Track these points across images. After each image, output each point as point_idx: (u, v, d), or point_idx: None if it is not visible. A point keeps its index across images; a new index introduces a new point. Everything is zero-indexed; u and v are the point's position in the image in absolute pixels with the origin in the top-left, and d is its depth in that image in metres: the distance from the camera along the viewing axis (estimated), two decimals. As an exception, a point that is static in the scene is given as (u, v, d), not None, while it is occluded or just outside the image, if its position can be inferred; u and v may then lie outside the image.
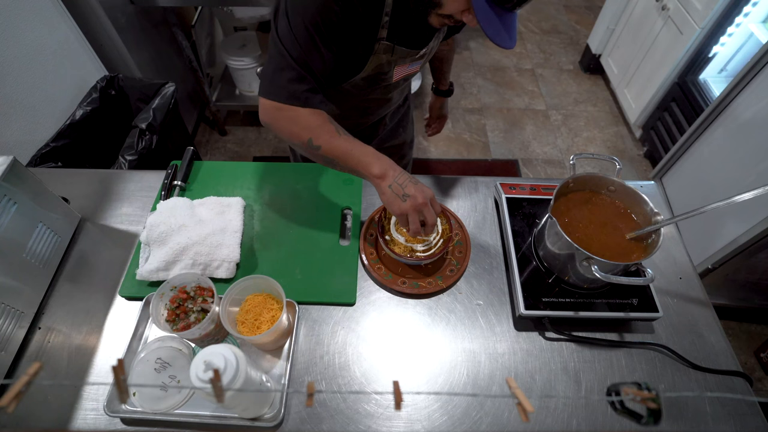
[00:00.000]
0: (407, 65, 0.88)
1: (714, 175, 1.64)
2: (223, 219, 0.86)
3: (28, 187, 0.76)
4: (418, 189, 0.71)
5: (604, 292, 0.79)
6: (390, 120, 1.16)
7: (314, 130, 0.73)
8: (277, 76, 0.72)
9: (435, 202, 0.74)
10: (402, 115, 1.22)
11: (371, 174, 0.72)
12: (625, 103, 2.47)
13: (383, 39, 0.77)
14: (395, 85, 0.94)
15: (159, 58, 1.98)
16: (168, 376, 0.69)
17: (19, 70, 1.30)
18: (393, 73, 0.88)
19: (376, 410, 0.69)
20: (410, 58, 0.86)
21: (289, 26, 0.69)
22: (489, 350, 0.76)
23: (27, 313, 0.75)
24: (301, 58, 0.71)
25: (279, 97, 0.72)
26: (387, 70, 0.85)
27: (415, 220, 0.72)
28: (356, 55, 0.79)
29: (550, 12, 3.34)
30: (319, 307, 0.80)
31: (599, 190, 0.83)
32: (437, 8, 0.70)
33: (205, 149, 2.35)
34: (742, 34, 1.84)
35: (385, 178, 0.72)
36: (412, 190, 0.71)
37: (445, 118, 1.39)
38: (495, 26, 0.66)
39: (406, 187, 0.71)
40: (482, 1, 0.64)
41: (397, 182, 0.71)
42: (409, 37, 0.81)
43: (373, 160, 0.72)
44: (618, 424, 0.68)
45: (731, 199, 0.64)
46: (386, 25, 0.75)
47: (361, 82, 0.86)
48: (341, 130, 0.75)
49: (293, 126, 0.74)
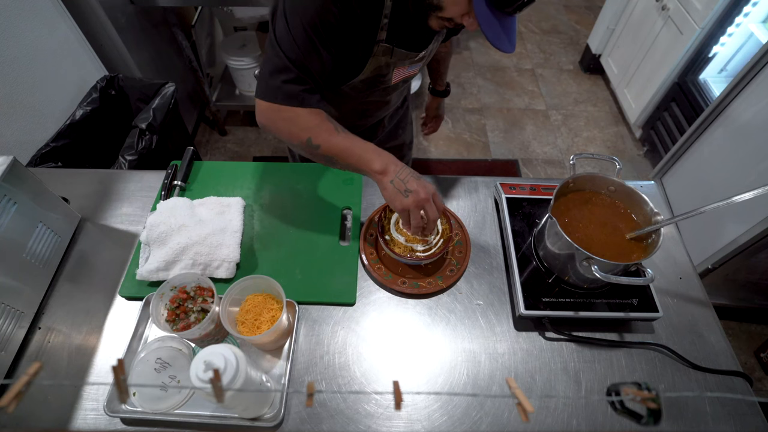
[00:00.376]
0: (406, 67, 0.88)
1: (714, 175, 1.64)
2: (223, 219, 0.86)
3: (28, 187, 0.76)
4: (420, 184, 0.70)
5: (604, 292, 0.79)
6: (389, 122, 1.16)
7: (312, 129, 0.73)
8: (273, 78, 0.71)
9: (437, 198, 0.73)
10: (401, 116, 1.22)
11: (372, 170, 0.72)
12: (625, 103, 2.47)
13: (382, 41, 0.77)
14: (394, 87, 0.93)
15: (159, 58, 1.98)
16: (168, 376, 0.69)
17: (19, 70, 1.30)
18: (392, 75, 0.87)
19: (376, 410, 0.69)
20: (409, 61, 0.86)
21: (288, 27, 0.69)
22: (489, 350, 0.76)
23: (27, 313, 0.75)
24: (298, 59, 0.70)
25: (276, 98, 0.72)
26: (386, 72, 0.85)
27: (417, 216, 0.71)
28: (355, 56, 0.79)
29: (550, 12, 3.34)
30: (319, 307, 0.80)
31: (599, 190, 0.83)
32: (437, 11, 0.70)
33: (205, 149, 2.35)
34: (742, 34, 1.84)
35: (386, 173, 0.71)
36: (414, 186, 0.70)
37: (441, 118, 1.39)
38: (495, 30, 0.66)
39: (408, 183, 0.70)
40: (483, 5, 0.64)
41: (399, 177, 0.71)
42: (408, 40, 0.81)
43: (374, 156, 0.72)
44: (618, 424, 0.68)
45: (731, 199, 0.64)
46: (385, 27, 0.75)
47: (359, 84, 0.86)
48: (340, 128, 0.75)
49: (291, 126, 0.73)
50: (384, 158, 0.72)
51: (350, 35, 0.73)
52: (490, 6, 0.65)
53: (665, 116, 2.12)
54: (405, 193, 0.70)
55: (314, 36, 0.69)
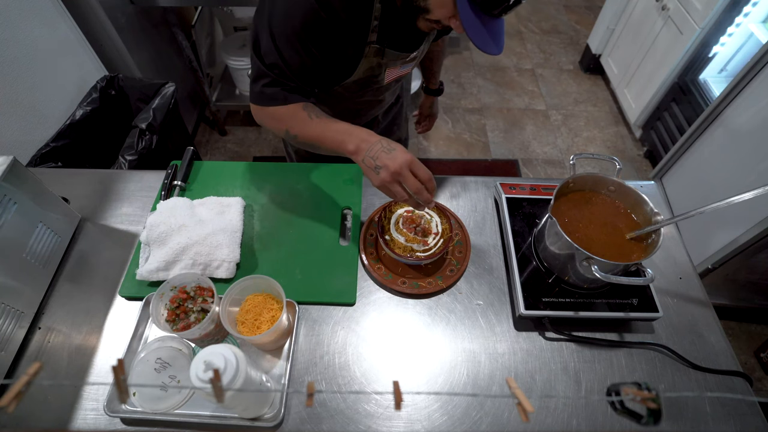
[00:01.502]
0: (399, 67, 0.89)
1: (714, 175, 1.64)
2: (223, 219, 0.86)
3: (28, 187, 0.76)
4: (390, 157, 0.67)
5: (604, 292, 0.79)
6: (383, 119, 1.17)
7: (288, 120, 0.77)
8: (256, 84, 0.78)
9: (415, 166, 0.68)
10: (395, 114, 1.22)
11: (347, 152, 0.71)
12: (625, 103, 2.47)
13: (373, 42, 0.78)
14: (387, 86, 0.94)
15: (159, 58, 1.98)
16: (168, 376, 0.69)
17: (19, 70, 1.30)
18: (384, 76, 0.88)
19: (376, 410, 0.69)
20: (401, 61, 0.86)
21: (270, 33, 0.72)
22: (489, 350, 0.76)
23: (27, 313, 0.75)
24: (275, 63, 0.73)
25: (260, 101, 0.78)
26: (378, 72, 0.86)
27: (397, 191, 0.68)
28: (346, 58, 0.80)
29: (550, 12, 3.34)
30: (319, 307, 0.80)
31: (599, 190, 0.83)
32: (425, 14, 0.70)
33: (205, 149, 2.35)
34: (742, 34, 1.84)
35: (358, 153, 0.70)
36: (384, 160, 0.67)
37: (435, 117, 1.40)
38: (481, 33, 0.66)
39: (378, 159, 0.67)
40: (468, 9, 0.64)
41: (369, 155, 0.68)
42: (399, 41, 0.81)
43: (345, 138, 0.71)
44: (618, 424, 0.68)
45: (731, 199, 0.64)
46: (376, 29, 0.76)
47: (353, 85, 0.87)
48: (314, 114, 0.76)
49: (273, 122, 0.79)
50: (355, 137, 0.70)
51: (339, 38, 0.74)
52: (475, 9, 0.65)
53: (665, 116, 2.12)
54: (376, 170, 0.68)
55: (297, 41, 0.71)
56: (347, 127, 0.73)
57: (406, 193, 0.69)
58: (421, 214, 0.85)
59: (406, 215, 0.86)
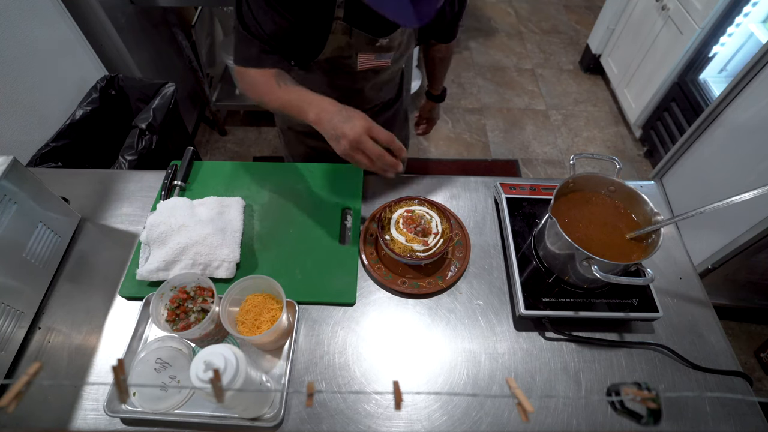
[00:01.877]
0: (373, 55, 0.88)
1: (714, 175, 1.64)
2: (223, 219, 0.86)
3: (28, 187, 0.76)
4: (349, 126, 0.66)
5: (604, 292, 0.79)
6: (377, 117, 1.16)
7: (259, 87, 0.79)
8: (237, 49, 0.81)
9: (375, 131, 0.67)
10: (391, 114, 1.21)
11: (309, 120, 0.71)
12: (625, 103, 2.47)
13: (340, 18, 0.79)
14: (363, 75, 0.94)
15: (159, 58, 1.98)
16: (168, 376, 0.69)
17: (19, 70, 1.30)
18: (357, 60, 0.88)
19: (376, 410, 0.69)
20: (372, 47, 0.86)
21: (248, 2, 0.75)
22: (489, 350, 0.76)
23: (27, 313, 0.75)
24: (252, 25, 0.76)
25: (238, 61, 0.81)
26: (348, 54, 0.86)
27: (360, 158, 0.67)
28: (315, 30, 0.81)
29: (550, 12, 3.34)
30: (319, 307, 0.80)
31: (599, 190, 0.83)
32: None
33: (205, 149, 2.35)
34: (742, 34, 1.84)
35: (320, 122, 0.69)
36: (343, 129, 0.66)
37: (434, 122, 1.39)
38: None
39: (337, 128, 0.67)
40: None
41: (331, 125, 0.68)
42: (368, 22, 0.81)
43: (306, 107, 0.71)
44: (618, 424, 0.68)
45: (731, 199, 0.64)
46: (342, 5, 0.78)
47: (324, 63, 0.88)
48: (283, 81, 0.77)
49: (247, 87, 0.82)
50: (316, 106, 0.70)
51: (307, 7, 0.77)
52: None
53: (665, 116, 2.12)
54: (337, 140, 0.67)
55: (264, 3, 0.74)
56: (311, 96, 0.73)
57: (369, 160, 0.67)
58: (421, 214, 0.85)
59: (406, 215, 0.85)
